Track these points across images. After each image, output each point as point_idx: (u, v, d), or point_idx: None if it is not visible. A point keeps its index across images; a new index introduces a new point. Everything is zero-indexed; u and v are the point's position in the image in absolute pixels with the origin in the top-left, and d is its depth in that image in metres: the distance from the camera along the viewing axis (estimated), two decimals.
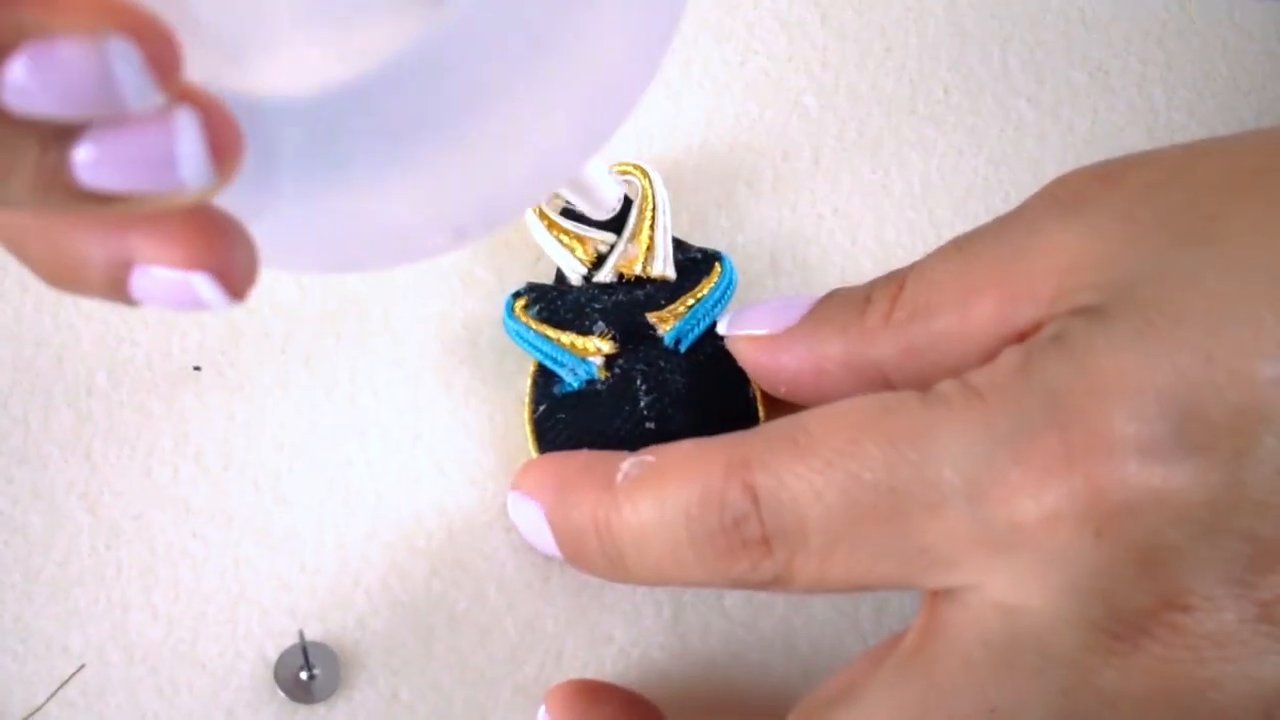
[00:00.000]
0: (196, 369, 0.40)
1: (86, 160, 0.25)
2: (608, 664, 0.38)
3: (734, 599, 0.39)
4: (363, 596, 0.39)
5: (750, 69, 0.44)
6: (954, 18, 0.45)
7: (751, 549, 0.33)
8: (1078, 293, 0.32)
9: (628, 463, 0.35)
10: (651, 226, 0.41)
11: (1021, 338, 0.32)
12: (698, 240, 0.42)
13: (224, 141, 0.25)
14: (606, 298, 0.40)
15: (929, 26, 0.45)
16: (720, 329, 0.39)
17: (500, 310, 0.41)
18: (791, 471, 0.32)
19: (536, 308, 0.40)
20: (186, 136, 0.25)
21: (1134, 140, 0.44)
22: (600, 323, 0.40)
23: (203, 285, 0.27)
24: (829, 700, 0.34)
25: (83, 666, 0.38)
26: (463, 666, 0.38)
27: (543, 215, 0.41)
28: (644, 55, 0.30)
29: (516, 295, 0.41)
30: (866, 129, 0.44)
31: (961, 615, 0.32)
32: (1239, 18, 0.46)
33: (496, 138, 0.29)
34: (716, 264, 0.41)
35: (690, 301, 0.40)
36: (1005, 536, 0.31)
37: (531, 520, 0.37)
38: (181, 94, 0.25)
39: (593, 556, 0.36)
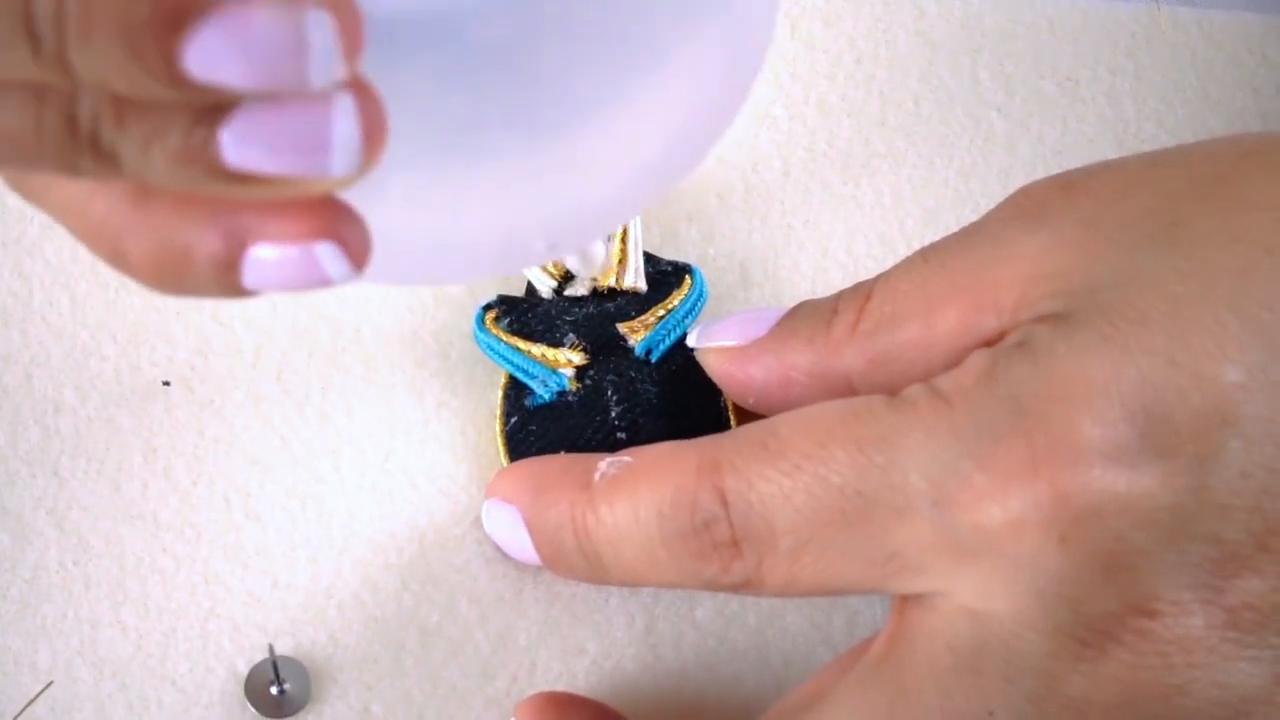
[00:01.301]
0: (166, 384, 0.40)
1: (237, 138, 0.23)
2: (580, 677, 0.38)
3: (706, 611, 0.39)
4: (334, 611, 0.39)
5: None
6: (923, 29, 0.45)
7: (722, 551, 0.33)
8: (1041, 301, 0.32)
9: (605, 463, 0.35)
10: (623, 239, 0.41)
11: (987, 346, 0.32)
12: (669, 253, 0.42)
13: (374, 128, 0.23)
14: (577, 310, 0.40)
15: (898, 38, 0.45)
16: (690, 341, 0.39)
17: (471, 323, 0.41)
18: (760, 475, 0.32)
19: (507, 320, 0.40)
20: (344, 121, 0.23)
21: (1104, 150, 0.44)
22: (571, 334, 0.40)
23: (329, 256, 0.25)
24: (797, 708, 0.34)
25: (50, 684, 0.38)
26: (434, 680, 0.38)
27: None
28: (739, 82, 0.30)
29: (487, 307, 0.41)
30: (836, 140, 0.44)
31: (929, 621, 0.32)
32: (1208, 28, 0.46)
33: (608, 138, 0.28)
34: (687, 276, 0.41)
35: (661, 313, 0.40)
36: (971, 542, 0.31)
37: (508, 525, 0.37)
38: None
39: (570, 557, 0.36)
